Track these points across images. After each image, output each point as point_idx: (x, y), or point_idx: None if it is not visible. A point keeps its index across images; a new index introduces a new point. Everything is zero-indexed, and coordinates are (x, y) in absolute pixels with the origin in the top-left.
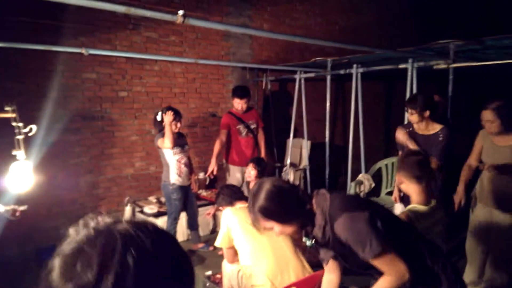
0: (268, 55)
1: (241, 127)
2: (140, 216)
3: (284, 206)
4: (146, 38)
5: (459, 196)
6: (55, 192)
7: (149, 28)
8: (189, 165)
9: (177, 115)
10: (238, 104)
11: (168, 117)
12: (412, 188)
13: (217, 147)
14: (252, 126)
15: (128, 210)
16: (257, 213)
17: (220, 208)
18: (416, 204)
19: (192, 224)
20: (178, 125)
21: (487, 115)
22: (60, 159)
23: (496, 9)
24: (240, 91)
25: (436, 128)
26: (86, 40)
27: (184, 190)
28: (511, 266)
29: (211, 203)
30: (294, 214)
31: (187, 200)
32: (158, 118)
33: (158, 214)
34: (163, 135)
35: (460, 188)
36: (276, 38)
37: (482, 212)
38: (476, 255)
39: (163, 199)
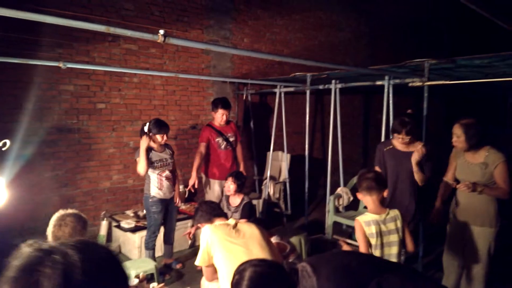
0: (248, 68)
1: (220, 139)
2: (116, 231)
3: None
4: (125, 50)
5: (436, 211)
6: (28, 206)
7: (129, 40)
8: (172, 178)
9: (163, 128)
10: (223, 115)
11: (143, 142)
12: (366, 200)
13: (197, 160)
14: (231, 139)
15: (104, 225)
16: None
17: (199, 225)
18: (369, 213)
19: (168, 239)
20: (165, 137)
21: (456, 129)
22: (35, 172)
23: (470, 29)
24: (224, 102)
25: (417, 145)
26: (64, 52)
27: (165, 203)
28: (485, 280)
29: (190, 217)
30: None
31: (167, 214)
32: (145, 129)
33: (135, 229)
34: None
35: (438, 203)
36: (258, 53)
37: (458, 227)
38: (452, 269)
39: (140, 213)
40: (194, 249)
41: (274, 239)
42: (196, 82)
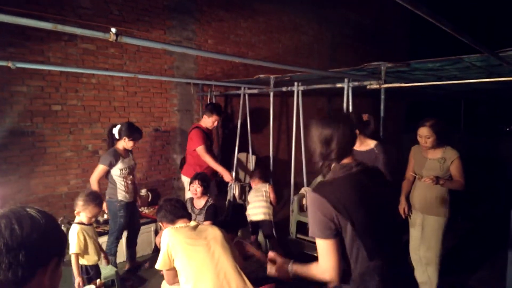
0: (213, 70)
1: (208, 143)
2: None
3: (318, 142)
4: (82, 50)
5: (402, 205)
6: None
7: (86, 39)
8: (134, 181)
9: (138, 135)
10: (215, 122)
11: (96, 174)
12: (256, 183)
13: (211, 157)
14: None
15: None
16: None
17: (161, 224)
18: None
19: (132, 242)
20: (133, 143)
21: (425, 132)
22: None
23: (428, 31)
24: (219, 109)
25: (370, 144)
26: (16, 51)
27: (131, 206)
28: (438, 266)
29: (153, 220)
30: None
31: (132, 217)
32: (115, 132)
33: None
34: (112, 154)
35: (402, 198)
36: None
37: (417, 218)
38: (418, 259)
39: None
40: (156, 253)
41: (236, 240)
42: (158, 83)
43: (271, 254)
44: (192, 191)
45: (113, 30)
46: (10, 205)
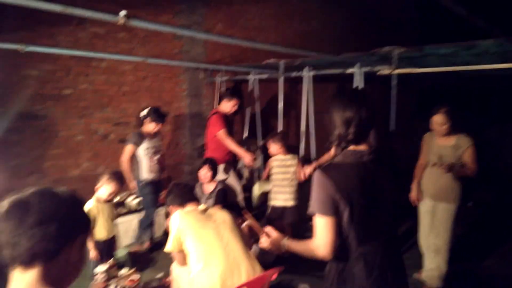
0: (222, 54)
1: (228, 127)
2: None
3: (338, 123)
4: (92, 33)
5: (413, 192)
6: None
7: (96, 23)
8: (162, 161)
9: (160, 118)
10: (234, 106)
11: (124, 154)
12: (276, 149)
13: (233, 141)
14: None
15: None
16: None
17: (170, 207)
18: (279, 155)
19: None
20: (159, 126)
21: (440, 119)
22: None
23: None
24: (240, 93)
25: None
26: (26, 35)
27: (156, 185)
28: (448, 253)
29: (163, 204)
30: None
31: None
32: (142, 115)
33: None
34: (137, 134)
35: (414, 185)
36: (228, 38)
37: (427, 205)
38: (428, 246)
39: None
40: (167, 236)
41: (247, 223)
42: (168, 68)
43: (267, 228)
44: (203, 176)
45: (123, 12)
46: (24, 187)
